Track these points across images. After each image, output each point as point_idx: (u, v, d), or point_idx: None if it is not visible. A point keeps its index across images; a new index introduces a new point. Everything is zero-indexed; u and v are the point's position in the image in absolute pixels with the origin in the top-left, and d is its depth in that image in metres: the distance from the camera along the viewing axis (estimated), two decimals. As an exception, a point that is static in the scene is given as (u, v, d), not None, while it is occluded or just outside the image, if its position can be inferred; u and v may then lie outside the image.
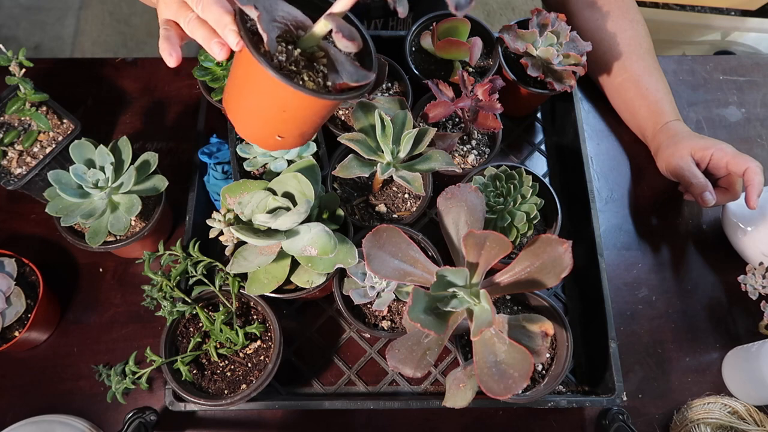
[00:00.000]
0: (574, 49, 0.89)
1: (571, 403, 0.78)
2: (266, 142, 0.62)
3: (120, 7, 2.16)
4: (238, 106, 0.60)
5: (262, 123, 0.60)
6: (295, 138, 0.61)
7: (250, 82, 0.56)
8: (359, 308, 0.79)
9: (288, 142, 0.61)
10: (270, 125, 0.59)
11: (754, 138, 1.04)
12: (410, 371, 0.64)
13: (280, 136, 0.60)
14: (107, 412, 0.82)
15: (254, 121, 0.60)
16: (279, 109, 0.56)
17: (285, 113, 0.57)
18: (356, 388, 0.84)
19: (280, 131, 0.59)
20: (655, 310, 0.90)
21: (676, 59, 1.10)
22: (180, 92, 1.02)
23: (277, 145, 0.62)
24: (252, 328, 0.76)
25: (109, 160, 0.77)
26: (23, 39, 2.09)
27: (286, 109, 0.56)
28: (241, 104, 0.60)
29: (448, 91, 0.83)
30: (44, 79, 1.01)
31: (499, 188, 0.80)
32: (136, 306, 0.87)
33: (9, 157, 0.82)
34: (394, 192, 0.87)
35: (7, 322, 0.78)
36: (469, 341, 0.75)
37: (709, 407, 0.81)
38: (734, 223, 0.90)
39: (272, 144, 0.61)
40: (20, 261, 0.83)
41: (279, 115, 0.57)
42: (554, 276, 0.61)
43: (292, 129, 0.60)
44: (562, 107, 0.99)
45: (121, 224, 0.76)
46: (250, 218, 0.69)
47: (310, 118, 0.59)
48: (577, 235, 0.88)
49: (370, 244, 0.65)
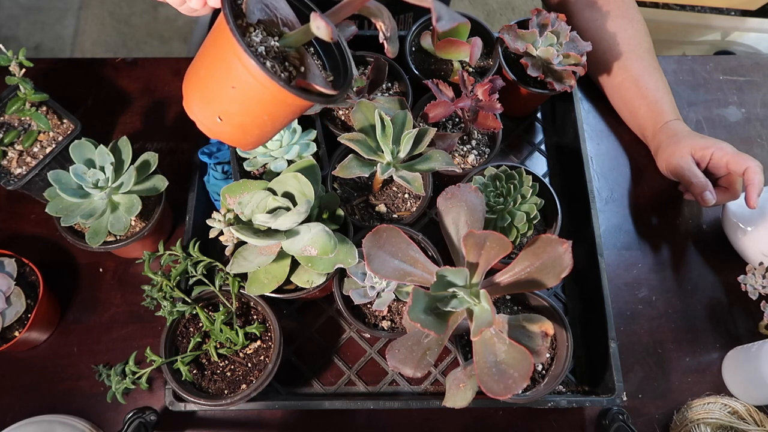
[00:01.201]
0: (574, 49, 0.89)
1: (571, 403, 0.78)
2: (205, 121, 0.58)
3: (120, 7, 2.16)
4: (194, 74, 0.57)
5: (207, 94, 0.56)
6: (234, 127, 0.57)
7: (213, 49, 0.54)
8: (359, 308, 0.79)
9: (225, 130, 0.58)
10: (214, 100, 0.56)
11: (754, 138, 1.04)
12: (410, 371, 0.64)
13: (220, 117, 0.56)
14: (107, 412, 0.82)
15: (200, 91, 0.57)
16: (229, 80, 0.53)
17: (234, 89, 0.53)
18: (356, 388, 0.84)
19: (222, 111, 0.56)
20: (655, 310, 0.90)
21: (676, 59, 1.10)
22: (180, 92, 1.01)
23: (213, 130, 0.58)
24: (252, 328, 0.76)
25: (109, 160, 0.77)
26: (23, 39, 2.09)
27: (236, 85, 0.53)
28: (196, 72, 0.57)
29: (448, 91, 0.83)
30: (44, 79, 1.01)
31: (499, 188, 0.80)
32: (136, 306, 0.87)
33: (9, 157, 0.82)
34: (394, 192, 0.87)
35: (7, 322, 0.78)
36: (469, 341, 0.75)
37: (709, 407, 0.81)
38: (734, 223, 0.90)
39: (210, 124, 0.58)
40: (20, 261, 0.83)
41: (227, 89, 0.54)
42: (554, 276, 0.61)
43: (234, 114, 0.56)
44: (562, 107, 0.99)
45: (121, 224, 0.76)
46: (250, 218, 0.70)
47: (256, 107, 0.55)
48: (577, 235, 0.88)
49: (370, 244, 0.65)
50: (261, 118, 0.56)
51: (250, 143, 0.60)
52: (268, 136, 0.61)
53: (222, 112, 0.56)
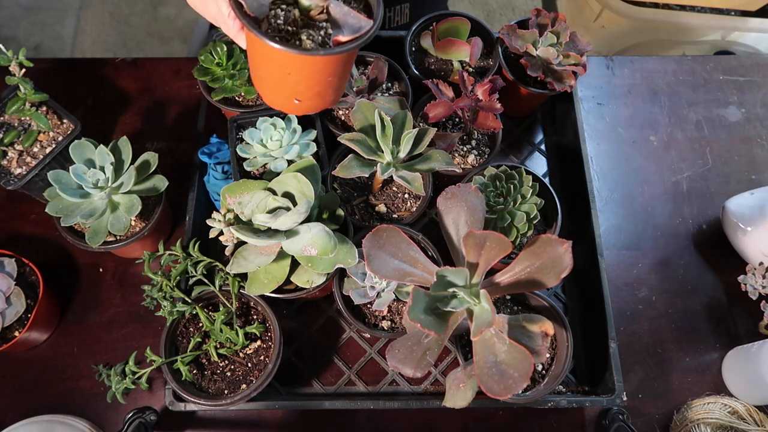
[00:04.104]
0: (574, 49, 0.89)
1: (571, 403, 0.78)
2: (288, 107, 0.63)
3: (120, 7, 2.16)
4: (258, 78, 0.62)
5: (275, 89, 0.61)
6: (313, 100, 0.61)
7: (254, 52, 0.58)
8: (359, 308, 0.79)
9: (307, 105, 0.62)
10: (283, 90, 0.60)
11: (754, 138, 1.04)
12: (410, 371, 0.64)
13: (297, 99, 0.60)
14: (107, 412, 0.82)
15: (270, 88, 0.61)
16: (283, 72, 0.57)
17: (290, 76, 0.57)
18: (356, 388, 0.84)
19: (295, 95, 0.60)
20: (655, 310, 0.90)
21: (676, 59, 1.10)
22: (180, 92, 1.02)
23: (299, 109, 0.62)
24: (252, 328, 0.76)
25: (109, 160, 0.77)
26: (23, 39, 2.08)
27: (290, 72, 0.57)
28: (256, 74, 0.61)
29: (448, 91, 0.83)
30: (44, 79, 1.01)
31: (499, 188, 0.80)
32: (136, 306, 0.87)
33: (9, 157, 0.82)
34: (394, 192, 0.87)
35: (7, 322, 0.78)
36: (469, 341, 0.75)
37: (709, 407, 0.81)
38: (734, 223, 0.90)
39: (293, 108, 0.62)
40: (20, 261, 0.83)
41: (286, 78, 0.57)
42: (554, 276, 0.61)
43: (304, 91, 0.60)
44: (562, 107, 0.99)
45: (121, 224, 0.76)
46: (250, 218, 0.70)
47: (317, 78, 0.58)
48: (577, 235, 0.88)
49: (370, 244, 0.65)
50: (328, 82, 0.59)
51: (335, 99, 0.64)
52: (344, 87, 0.65)
53: (295, 95, 0.60)
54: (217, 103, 0.86)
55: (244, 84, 0.84)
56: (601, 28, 1.62)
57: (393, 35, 0.97)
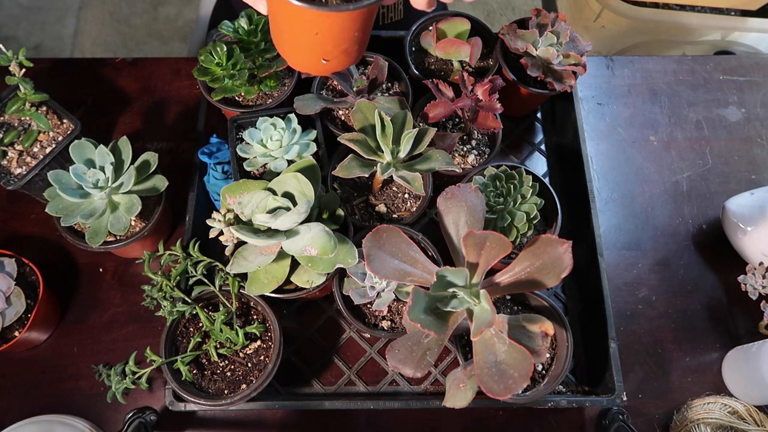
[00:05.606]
0: (574, 49, 0.89)
1: (571, 403, 0.78)
2: (316, 69, 0.62)
3: (120, 7, 2.16)
4: (281, 41, 0.62)
5: (302, 51, 0.61)
6: (340, 58, 0.61)
7: (277, 15, 0.58)
8: (359, 308, 0.79)
9: (335, 64, 0.61)
10: (309, 51, 0.60)
11: (754, 138, 1.04)
12: (410, 371, 0.64)
13: (325, 59, 0.60)
14: (107, 412, 0.82)
15: (295, 50, 0.61)
16: (310, 32, 0.57)
17: (318, 35, 0.57)
18: (356, 388, 0.84)
19: (323, 54, 0.60)
20: (655, 310, 0.90)
21: (676, 59, 1.10)
22: (180, 92, 1.02)
23: (327, 69, 0.62)
24: (252, 328, 0.76)
25: (109, 160, 0.77)
26: (23, 39, 2.08)
27: (318, 31, 0.56)
28: (280, 38, 0.61)
29: (448, 91, 0.83)
30: (44, 79, 1.01)
31: (499, 188, 0.80)
32: (136, 306, 0.87)
33: (9, 157, 0.82)
34: (394, 192, 0.87)
35: (7, 322, 0.78)
36: (469, 341, 0.75)
37: (709, 407, 0.81)
38: (734, 223, 0.90)
39: (321, 68, 0.62)
40: (20, 261, 0.83)
41: (313, 38, 0.57)
42: (554, 276, 0.61)
43: (332, 50, 0.60)
44: (562, 107, 0.99)
45: (121, 224, 0.76)
46: (250, 218, 0.70)
47: (344, 35, 0.58)
48: (577, 235, 0.88)
49: (370, 244, 0.65)
50: (353, 38, 0.59)
51: (360, 56, 0.63)
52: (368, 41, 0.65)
53: (322, 54, 0.59)
54: (217, 103, 0.86)
55: (244, 84, 0.84)
56: (601, 28, 1.62)
57: (393, 35, 0.97)
